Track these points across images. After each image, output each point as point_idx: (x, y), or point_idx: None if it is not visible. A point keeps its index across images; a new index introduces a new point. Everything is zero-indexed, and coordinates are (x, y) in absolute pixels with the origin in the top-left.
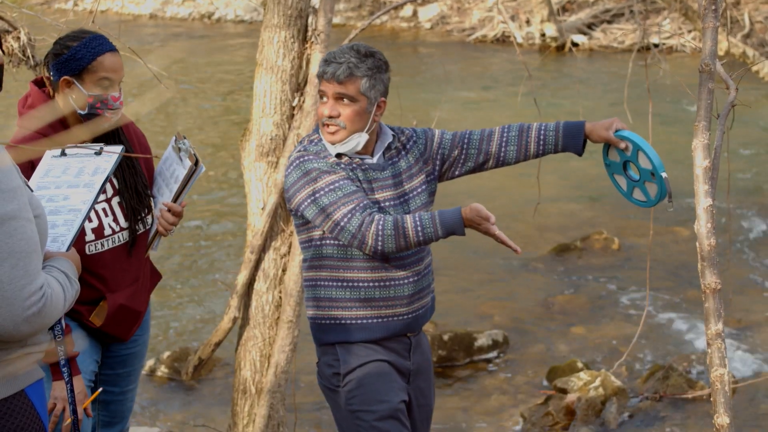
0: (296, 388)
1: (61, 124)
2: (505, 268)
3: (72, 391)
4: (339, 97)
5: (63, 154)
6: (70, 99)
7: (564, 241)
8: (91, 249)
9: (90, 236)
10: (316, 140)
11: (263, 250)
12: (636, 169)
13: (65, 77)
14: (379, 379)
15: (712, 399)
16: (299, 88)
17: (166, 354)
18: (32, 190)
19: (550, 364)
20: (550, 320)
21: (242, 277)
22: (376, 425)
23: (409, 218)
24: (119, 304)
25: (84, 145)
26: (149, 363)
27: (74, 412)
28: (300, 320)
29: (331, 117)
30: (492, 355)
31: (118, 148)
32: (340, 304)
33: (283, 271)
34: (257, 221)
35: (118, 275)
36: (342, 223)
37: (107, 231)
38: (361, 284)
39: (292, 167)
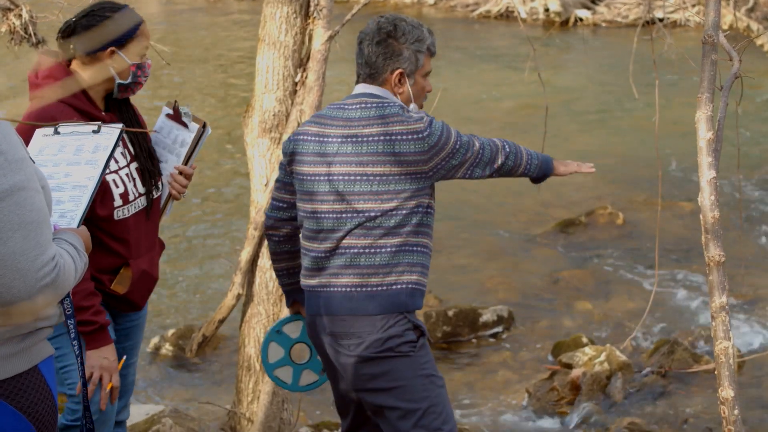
0: None
1: (84, 95)
2: (509, 243)
3: (80, 343)
4: None
5: (56, 132)
6: (111, 69)
7: (568, 216)
8: (119, 214)
9: (118, 201)
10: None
11: None
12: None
13: (112, 48)
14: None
15: (716, 372)
16: (302, 63)
17: (171, 332)
18: (34, 162)
19: (555, 340)
20: (555, 295)
21: (246, 254)
22: (443, 392)
23: (519, 145)
24: (141, 269)
25: (81, 123)
26: (154, 341)
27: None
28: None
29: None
30: (497, 330)
31: (117, 126)
32: (425, 271)
33: None
34: (260, 197)
35: (139, 241)
36: (482, 142)
37: (131, 196)
38: (430, 251)
39: (426, 133)
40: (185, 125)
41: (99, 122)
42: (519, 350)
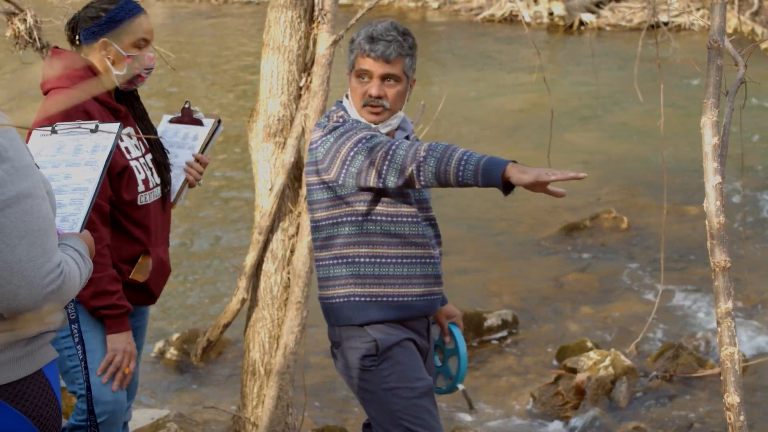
0: (305, 369)
1: (107, 92)
2: (514, 247)
3: (84, 347)
4: (384, 77)
5: (53, 131)
6: (106, 61)
7: (573, 220)
8: (141, 200)
9: (141, 187)
10: (344, 116)
11: (271, 231)
12: (441, 358)
13: (104, 39)
14: (413, 357)
15: (722, 378)
16: (306, 68)
17: (175, 336)
18: (38, 167)
19: (560, 344)
20: (560, 300)
21: (250, 258)
22: (417, 402)
23: (460, 150)
24: (159, 257)
25: (78, 123)
26: (158, 345)
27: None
28: (309, 301)
29: (378, 97)
30: (502, 335)
31: (115, 126)
32: (383, 281)
33: (292, 252)
34: (265, 202)
35: (157, 229)
36: (393, 147)
37: (151, 184)
38: (404, 260)
39: (320, 141)
40: (197, 122)
41: (96, 121)
42: (523, 354)
